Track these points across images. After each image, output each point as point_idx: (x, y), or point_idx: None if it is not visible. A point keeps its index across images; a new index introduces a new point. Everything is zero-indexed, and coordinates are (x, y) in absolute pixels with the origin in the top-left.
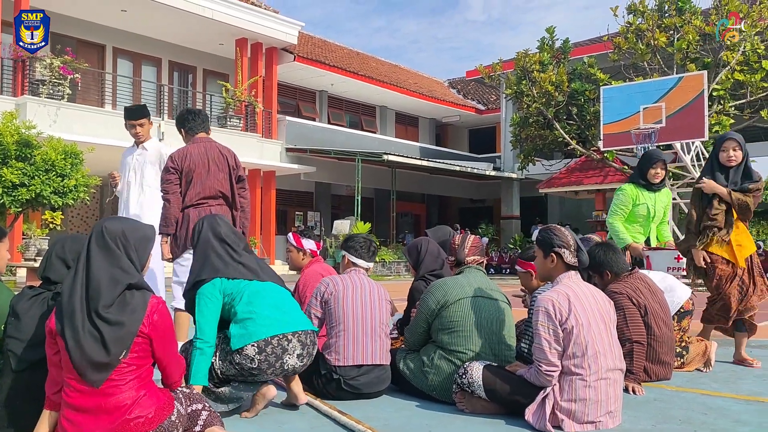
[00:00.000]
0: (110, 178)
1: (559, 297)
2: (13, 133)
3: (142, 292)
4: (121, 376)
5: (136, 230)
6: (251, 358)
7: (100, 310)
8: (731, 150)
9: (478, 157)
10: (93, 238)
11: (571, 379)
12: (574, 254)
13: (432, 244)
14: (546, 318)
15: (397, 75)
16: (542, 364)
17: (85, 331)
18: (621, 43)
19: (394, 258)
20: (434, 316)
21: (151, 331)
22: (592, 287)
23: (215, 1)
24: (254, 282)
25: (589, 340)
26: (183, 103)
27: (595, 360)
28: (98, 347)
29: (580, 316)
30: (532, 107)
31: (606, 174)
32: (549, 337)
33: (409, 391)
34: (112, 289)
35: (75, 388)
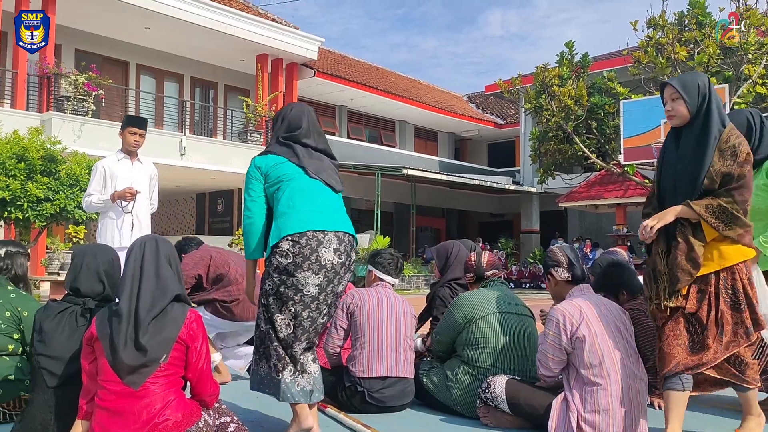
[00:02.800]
0: (129, 194)
1: (571, 308)
2: (39, 148)
3: (182, 304)
4: (154, 380)
5: (173, 249)
6: (285, 252)
7: (146, 313)
8: (669, 101)
9: (498, 171)
10: (146, 252)
11: (593, 389)
12: (567, 269)
13: (463, 250)
14: (554, 327)
15: (416, 90)
16: (541, 367)
17: (127, 337)
18: (641, 57)
19: (413, 272)
20: (460, 330)
21: (188, 338)
22: (604, 299)
23: (237, 18)
24: (301, 178)
25: (605, 348)
26: (204, 119)
27: (613, 369)
28: (139, 352)
29: (592, 325)
30: (551, 121)
31: (626, 188)
32: (553, 344)
33: (433, 405)
34: (161, 299)
35: (110, 391)
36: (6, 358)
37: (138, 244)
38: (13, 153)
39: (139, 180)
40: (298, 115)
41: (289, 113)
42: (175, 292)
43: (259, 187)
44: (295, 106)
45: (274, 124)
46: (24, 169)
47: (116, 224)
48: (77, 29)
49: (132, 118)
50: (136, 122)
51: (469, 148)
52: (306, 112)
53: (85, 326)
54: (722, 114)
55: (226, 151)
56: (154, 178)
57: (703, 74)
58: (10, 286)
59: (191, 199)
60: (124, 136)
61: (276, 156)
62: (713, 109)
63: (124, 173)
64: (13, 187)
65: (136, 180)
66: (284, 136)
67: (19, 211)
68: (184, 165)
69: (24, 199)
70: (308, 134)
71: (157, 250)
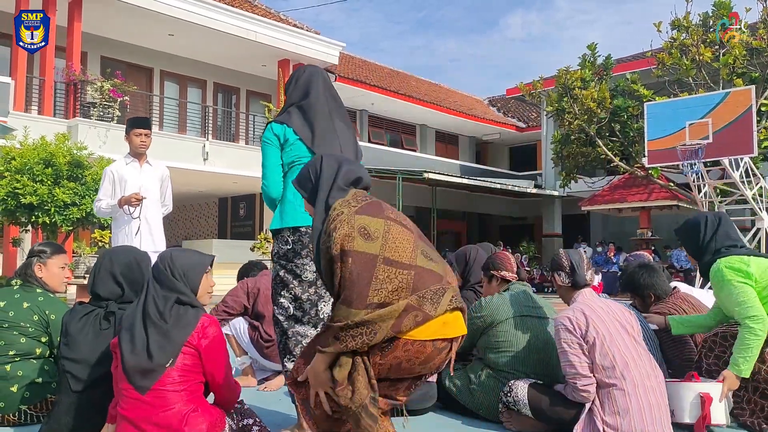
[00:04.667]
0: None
1: (575, 313)
2: (66, 154)
3: (197, 309)
4: (168, 387)
5: (185, 257)
6: (286, 239)
7: (152, 318)
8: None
9: (519, 174)
10: (152, 270)
11: (609, 391)
12: (569, 275)
13: (481, 253)
14: (567, 334)
15: (436, 94)
16: (576, 380)
17: (136, 337)
18: (665, 58)
19: None
20: (480, 334)
21: (200, 344)
22: (607, 301)
23: (259, 24)
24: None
25: (615, 349)
26: (227, 124)
27: (627, 369)
28: (144, 352)
29: (599, 327)
30: (573, 124)
31: (651, 191)
32: (576, 351)
33: (456, 409)
34: (164, 301)
35: (127, 398)
36: (33, 361)
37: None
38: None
39: (148, 183)
40: (311, 78)
41: (302, 75)
42: (179, 295)
43: (276, 154)
44: (308, 68)
45: (288, 87)
46: (51, 175)
47: (126, 229)
48: (103, 36)
49: (135, 119)
50: (140, 123)
51: (490, 151)
52: (320, 75)
53: (108, 329)
54: None
55: (249, 156)
56: (165, 180)
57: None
58: (39, 290)
59: (214, 204)
60: (130, 140)
61: (292, 132)
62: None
63: (133, 177)
64: (41, 192)
65: (145, 183)
66: (299, 104)
67: (46, 215)
68: (207, 170)
69: (51, 203)
70: (324, 100)
71: (159, 263)
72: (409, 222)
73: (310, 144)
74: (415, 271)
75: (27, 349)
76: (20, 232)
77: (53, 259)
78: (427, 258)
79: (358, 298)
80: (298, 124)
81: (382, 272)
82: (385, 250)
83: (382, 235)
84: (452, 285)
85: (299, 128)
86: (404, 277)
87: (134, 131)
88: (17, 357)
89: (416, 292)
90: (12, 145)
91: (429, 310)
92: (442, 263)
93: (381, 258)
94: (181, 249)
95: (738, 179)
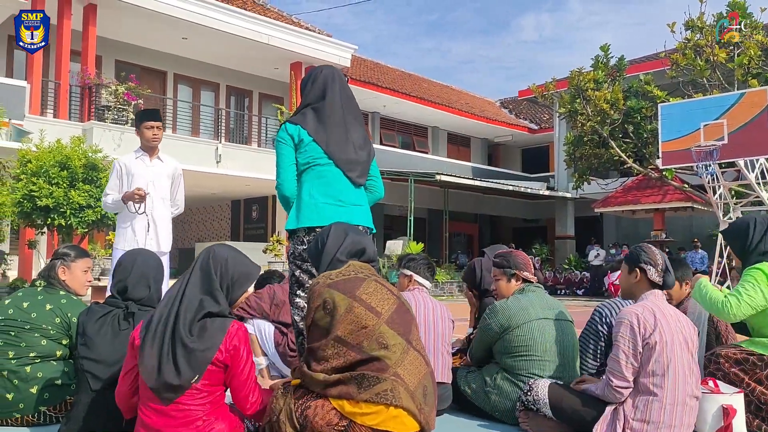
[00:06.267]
0: (136, 195)
1: (645, 312)
2: (81, 157)
3: (223, 319)
4: (192, 401)
5: (241, 264)
6: (301, 239)
7: (181, 333)
8: None
9: (531, 176)
10: (199, 261)
11: (648, 399)
12: (661, 273)
13: (486, 260)
14: (628, 331)
15: (448, 95)
16: (614, 377)
17: (164, 352)
18: (679, 59)
19: (447, 278)
20: (496, 339)
21: (227, 358)
22: (677, 310)
23: (272, 28)
24: (325, 166)
25: (671, 359)
26: (240, 127)
27: (674, 382)
28: (172, 369)
29: (664, 333)
30: (586, 126)
31: (665, 193)
32: (627, 350)
33: (471, 411)
34: (195, 313)
35: (150, 407)
36: (53, 363)
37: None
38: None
39: (156, 178)
40: (327, 80)
41: (319, 76)
42: (211, 308)
43: (291, 153)
44: (325, 69)
45: (304, 87)
46: (67, 177)
47: (132, 226)
48: (117, 40)
49: (145, 112)
50: (151, 115)
51: (502, 153)
52: (337, 76)
53: (127, 330)
54: None
55: (261, 159)
56: (177, 178)
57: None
58: (62, 292)
59: (226, 206)
60: (141, 134)
61: (307, 134)
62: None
63: (141, 171)
64: (57, 195)
65: (154, 179)
66: (315, 105)
67: (62, 218)
68: (219, 172)
69: (67, 206)
70: (339, 102)
71: (208, 263)
72: (386, 305)
73: (324, 145)
74: (361, 356)
75: (48, 351)
76: (36, 235)
77: (77, 262)
78: (382, 347)
79: (314, 360)
80: (313, 126)
81: (331, 348)
82: (339, 328)
83: (342, 313)
84: (398, 380)
85: (314, 130)
86: (350, 357)
87: (145, 124)
88: (37, 358)
89: (354, 371)
90: (28, 148)
91: (353, 390)
92: (400, 352)
93: (333, 335)
94: (233, 250)
95: (754, 181)
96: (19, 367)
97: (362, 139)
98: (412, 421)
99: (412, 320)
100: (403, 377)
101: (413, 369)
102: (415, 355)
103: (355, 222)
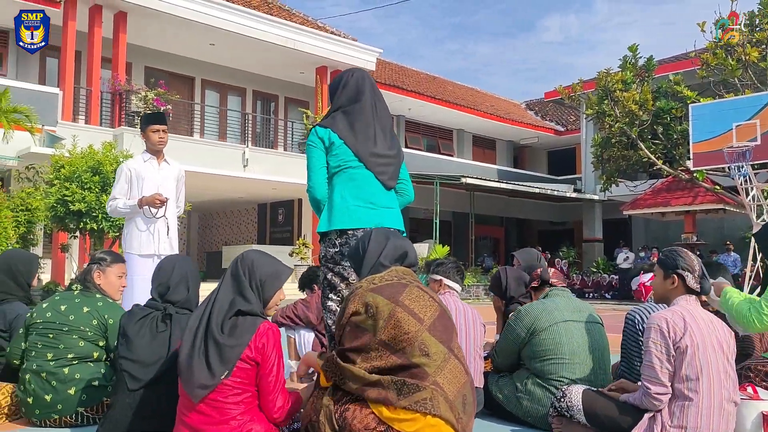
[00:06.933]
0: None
1: (674, 316)
2: (112, 162)
3: (254, 318)
4: (224, 398)
5: (268, 265)
6: (333, 242)
7: (213, 330)
8: None
9: (558, 179)
10: (230, 267)
11: (684, 404)
12: (698, 280)
13: (511, 270)
14: (659, 336)
15: (473, 98)
16: (651, 384)
17: (195, 348)
18: (709, 59)
19: (473, 281)
20: (523, 343)
21: (257, 355)
22: (710, 314)
23: (298, 32)
24: (356, 169)
25: (704, 363)
26: (266, 131)
27: (709, 386)
28: (203, 365)
29: (695, 337)
30: (614, 127)
31: (696, 194)
32: (660, 355)
33: (503, 416)
34: (226, 312)
35: (187, 405)
36: (90, 364)
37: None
38: (89, 167)
39: (165, 182)
40: (358, 83)
41: (350, 80)
42: (241, 307)
43: (321, 157)
44: (355, 72)
45: (334, 91)
46: (98, 182)
47: (149, 230)
48: (146, 47)
49: (151, 115)
50: (157, 118)
51: (528, 155)
52: (368, 80)
53: (165, 332)
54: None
55: (287, 162)
56: (181, 180)
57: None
58: (98, 294)
59: (253, 210)
60: (147, 137)
61: (337, 137)
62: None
63: (151, 175)
64: (89, 199)
65: (163, 182)
66: (345, 108)
67: (94, 222)
68: (246, 176)
69: (99, 210)
70: (370, 105)
71: (237, 266)
72: (428, 312)
73: (354, 149)
74: (403, 361)
75: (85, 352)
76: (69, 239)
77: (112, 267)
78: (423, 354)
79: (347, 359)
80: (343, 129)
81: (375, 350)
82: (383, 332)
83: (385, 318)
84: (438, 389)
85: (344, 133)
86: (392, 361)
87: (151, 127)
88: (75, 360)
89: (395, 376)
90: (61, 154)
91: (391, 396)
92: (441, 360)
93: (378, 339)
94: (262, 254)
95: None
96: (57, 368)
97: (392, 143)
98: (450, 430)
99: (453, 328)
100: (442, 386)
101: (453, 378)
102: (456, 363)
103: (386, 225)
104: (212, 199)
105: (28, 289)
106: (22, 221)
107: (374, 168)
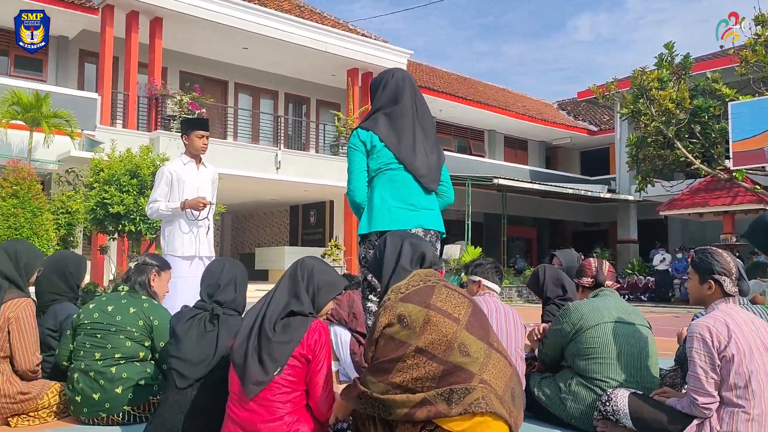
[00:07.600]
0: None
1: (717, 323)
2: (149, 165)
3: (306, 317)
4: (273, 396)
5: (326, 273)
6: (373, 244)
7: (266, 329)
8: None
9: (591, 179)
10: (288, 270)
11: (733, 411)
12: (735, 283)
13: (549, 269)
14: (702, 345)
15: (504, 98)
16: (698, 395)
17: (250, 346)
18: (748, 56)
19: (505, 283)
20: (569, 340)
21: (309, 352)
22: (752, 315)
23: (330, 35)
24: (397, 171)
25: (753, 369)
26: (298, 133)
27: (759, 392)
28: (256, 362)
29: (741, 343)
30: (650, 126)
31: (735, 194)
32: (705, 365)
33: (546, 418)
34: (280, 312)
35: (236, 402)
36: (137, 364)
37: (295, 264)
38: (127, 170)
39: (204, 185)
40: (398, 84)
41: (390, 81)
42: (294, 307)
43: (362, 160)
44: (396, 72)
45: (375, 91)
46: (136, 185)
47: (192, 232)
48: (181, 52)
49: (196, 120)
50: (202, 124)
51: (560, 156)
52: (408, 81)
53: (212, 332)
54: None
55: (319, 164)
56: (215, 182)
57: None
58: (144, 296)
59: (285, 211)
60: (191, 141)
61: (378, 139)
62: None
63: (191, 178)
64: (127, 202)
65: (202, 185)
66: (387, 110)
67: (132, 224)
68: (279, 178)
69: (137, 213)
70: (411, 106)
71: (295, 270)
72: (461, 310)
73: (396, 151)
74: (444, 366)
75: (132, 352)
76: (107, 241)
77: (166, 272)
78: (464, 354)
79: (382, 373)
80: (384, 131)
81: (411, 358)
82: (419, 339)
83: (420, 325)
84: (487, 386)
85: (385, 135)
86: (432, 368)
87: (196, 133)
88: (122, 360)
89: (439, 386)
90: (100, 157)
91: (442, 408)
92: (483, 357)
93: (413, 347)
94: (321, 262)
95: None
96: (105, 368)
97: (433, 144)
98: (499, 424)
99: (488, 321)
100: (490, 383)
101: (498, 373)
102: (498, 357)
103: (426, 226)
104: (245, 201)
105: (77, 290)
106: (63, 224)
107: (415, 171)
